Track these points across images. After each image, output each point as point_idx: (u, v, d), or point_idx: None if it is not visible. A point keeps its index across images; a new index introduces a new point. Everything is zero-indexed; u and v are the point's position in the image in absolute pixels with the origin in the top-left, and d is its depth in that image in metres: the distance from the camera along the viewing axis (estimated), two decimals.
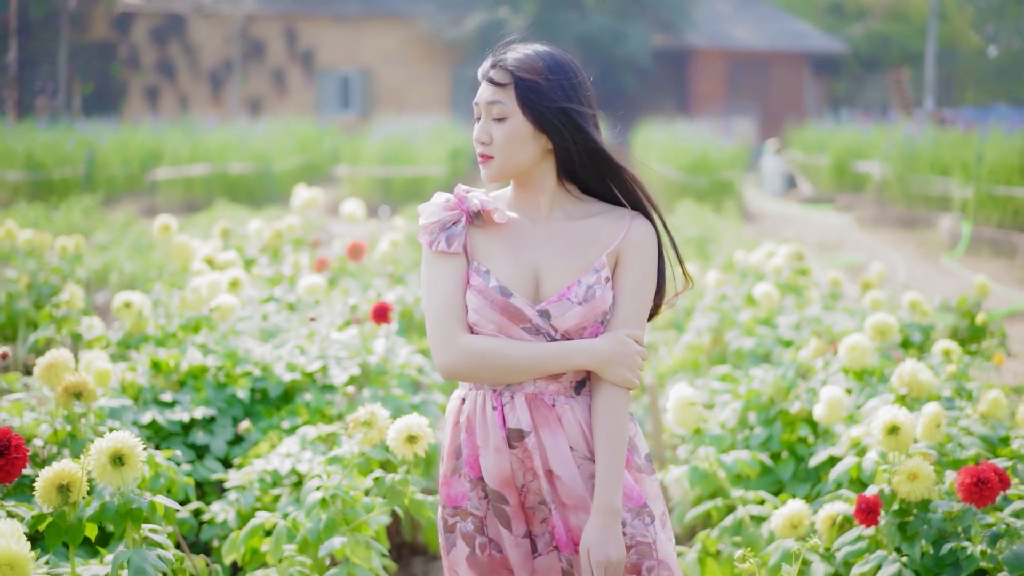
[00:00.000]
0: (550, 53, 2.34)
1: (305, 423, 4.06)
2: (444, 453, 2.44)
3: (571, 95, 2.32)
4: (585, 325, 2.32)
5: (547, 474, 2.34)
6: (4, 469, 2.53)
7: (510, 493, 2.36)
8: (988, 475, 3.06)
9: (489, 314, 2.30)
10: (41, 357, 3.48)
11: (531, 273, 2.34)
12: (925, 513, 3.17)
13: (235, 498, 3.65)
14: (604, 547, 2.25)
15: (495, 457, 2.33)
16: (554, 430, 2.33)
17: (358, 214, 6.82)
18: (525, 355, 2.28)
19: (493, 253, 2.35)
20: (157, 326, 4.67)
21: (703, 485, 3.63)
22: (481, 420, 2.35)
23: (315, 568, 3.11)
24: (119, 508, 2.58)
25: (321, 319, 4.97)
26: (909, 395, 3.87)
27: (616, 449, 2.29)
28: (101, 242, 11.00)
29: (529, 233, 2.37)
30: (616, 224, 2.37)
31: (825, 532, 3.35)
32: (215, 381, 4.24)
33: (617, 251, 2.36)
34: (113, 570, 2.49)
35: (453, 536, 2.41)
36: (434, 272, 2.34)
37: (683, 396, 3.55)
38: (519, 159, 2.33)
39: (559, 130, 2.30)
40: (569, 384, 2.34)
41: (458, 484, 2.40)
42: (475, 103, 2.37)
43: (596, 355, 2.29)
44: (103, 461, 2.59)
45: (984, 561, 3.02)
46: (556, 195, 2.38)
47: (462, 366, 2.29)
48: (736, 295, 6.33)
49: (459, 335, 2.29)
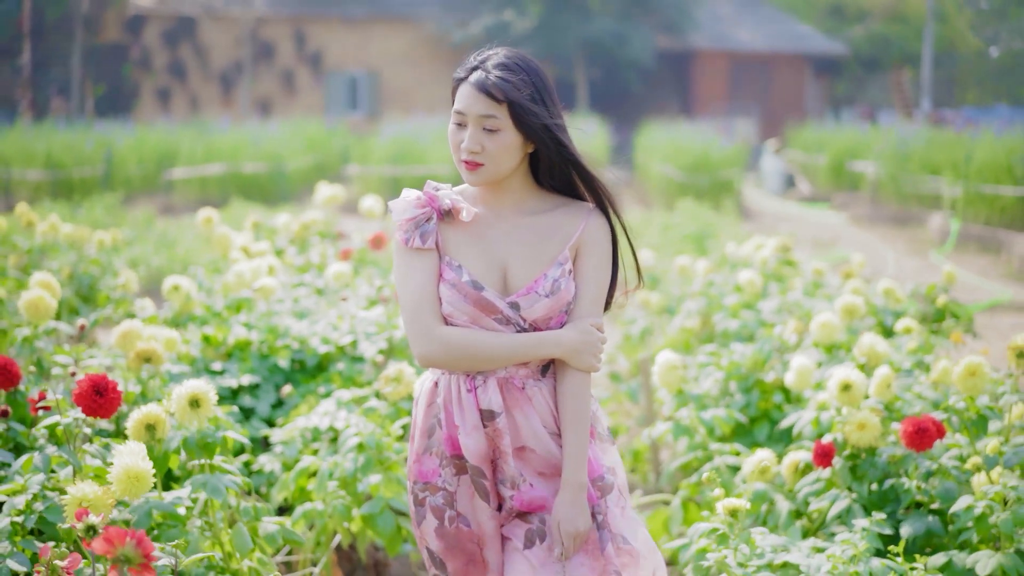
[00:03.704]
0: (531, 66, 2.49)
1: (339, 389, 4.63)
2: (416, 432, 2.61)
3: (552, 111, 2.49)
4: (552, 315, 2.51)
5: (518, 451, 2.53)
6: (104, 406, 3.08)
7: (487, 467, 2.54)
8: (927, 424, 3.61)
9: (463, 306, 2.47)
10: (115, 328, 4.05)
11: (499, 267, 2.51)
12: (872, 457, 3.74)
13: (280, 451, 4.21)
14: (573, 520, 2.47)
15: (474, 436, 2.50)
16: (526, 410, 2.52)
17: (376, 209, 7.39)
18: (499, 346, 2.46)
19: (463, 248, 2.51)
20: (203, 306, 5.25)
21: (686, 436, 4.18)
22: (457, 402, 2.52)
23: (354, 502, 3.68)
24: (198, 441, 3.15)
25: (349, 301, 5.55)
26: (868, 364, 4.44)
27: (582, 428, 2.50)
28: (127, 238, 11.58)
29: (495, 228, 2.54)
30: (575, 218, 2.55)
31: (789, 476, 3.90)
32: (259, 353, 4.82)
33: (577, 244, 2.54)
34: (194, 489, 3.05)
35: (423, 509, 2.58)
36: (408, 267, 2.50)
37: (667, 360, 4.12)
38: (507, 167, 2.49)
39: (544, 143, 2.48)
40: (536, 368, 2.53)
41: (429, 461, 2.56)
42: (459, 111, 2.48)
43: (564, 345, 2.48)
44: (183, 404, 3.15)
45: (919, 495, 3.59)
46: (522, 192, 2.56)
47: (440, 356, 2.46)
48: (724, 282, 6.90)
49: (435, 327, 2.46)
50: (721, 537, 3.07)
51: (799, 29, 35.38)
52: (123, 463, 2.69)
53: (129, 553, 1.94)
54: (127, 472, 2.69)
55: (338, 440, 4.07)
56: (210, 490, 3.05)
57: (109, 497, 2.57)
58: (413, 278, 2.49)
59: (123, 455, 2.72)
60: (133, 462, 2.63)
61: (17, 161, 17.67)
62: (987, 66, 40.58)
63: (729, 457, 4.19)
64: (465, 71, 2.49)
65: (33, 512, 2.91)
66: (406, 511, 3.69)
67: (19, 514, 2.91)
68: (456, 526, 2.55)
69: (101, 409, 3.09)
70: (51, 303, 4.31)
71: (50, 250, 8.16)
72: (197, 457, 3.17)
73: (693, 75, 34.57)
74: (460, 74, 2.50)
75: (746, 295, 6.34)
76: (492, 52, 2.51)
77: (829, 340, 4.90)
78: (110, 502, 2.56)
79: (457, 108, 2.48)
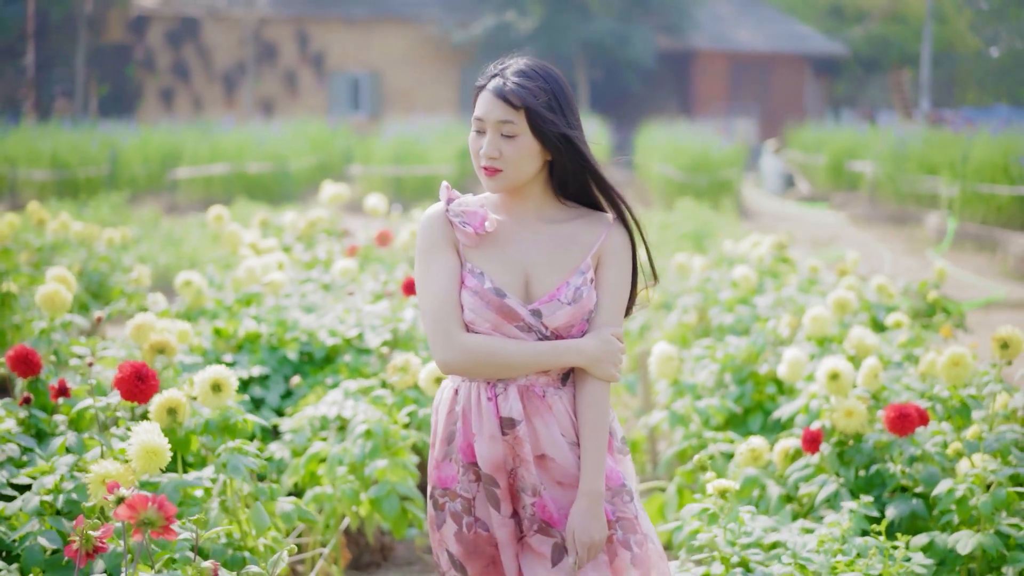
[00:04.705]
0: (549, 74, 2.53)
1: (346, 379, 4.79)
2: (436, 439, 2.61)
3: (570, 120, 2.52)
4: (573, 323, 2.52)
5: (538, 459, 2.53)
6: (144, 392, 3.23)
7: (501, 477, 2.53)
8: (909, 411, 3.77)
9: (485, 313, 2.49)
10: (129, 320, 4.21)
11: (521, 274, 2.53)
12: (859, 443, 3.90)
13: (290, 439, 4.36)
14: (588, 529, 2.47)
15: (489, 444, 2.51)
16: (546, 418, 2.52)
17: (381, 207, 7.57)
18: (520, 354, 2.48)
19: (485, 256, 2.53)
20: (215, 300, 5.41)
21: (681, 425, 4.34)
22: (476, 410, 2.52)
23: (362, 486, 3.84)
24: (218, 423, 3.31)
25: (355, 295, 5.72)
26: (857, 355, 4.60)
27: (600, 437, 2.50)
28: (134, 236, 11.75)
29: (517, 235, 2.55)
30: (596, 228, 2.58)
31: (780, 462, 4.06)
32: (268, 345, 4.99)
33: (599, 253, 2.57)
34: (216, 469, 3.21)
35: (443, 514, 2.58)
36: (429, 271, 2.52)
37: (663, 351, 4.28)
38: (526, 173, 2.51)
39: (560, 151, 2.51)
40: (557, 376, 2.54)
41: (448, 468, 2.57)
42: (478, 117, 2.52)
43: (585, 354, 2.50)
44: (205, 388, 3.32)
45: (904, 479, 3.75)
46: (542, 200, 2.59)
47: (461, 363, 2.47)
48: (720, 278, 7.06)
49: (458, 334, 2.48)
50: (712, 517, 3.23)
51: (799, 30, 35.54)
52: (140, 439, 2.84)
53: (151, 516, 2.09)
54: (144, 447, 2.83)
55: (346, 428, 4.23)
56: (230, 469, 3.21)
57: (130, 474, 2.73)
58: (434, 283, 2.51)
59: (139, 433, 2.88)
60: (149, 438, 2.77)
61: (23, 161, 17.86)
62: (987, 66, 40.72)
63: (723, 445, 4.34)
64: (485, 78, 2.54)
65: (62, 492, 3.08)
66: (412, 496, 3.85)
67: (48, 493, 3.07)
68: (475, 531, 2.56)
69: (140, 394, 3.23)
70: (67, 296, 4.46)
71: (61, 247, 8.32)
72: (217, 439, 3.33)
73: (693, 75, 34.73)
74: (480, 81, 2.54)
75: (741, 291, 6.50)
76: (513, 60, 2.55)
77: (821, 333, 5.05)
78: (131, 478, 2.71)
79: (476, 115, 2.53)
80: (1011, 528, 3.46)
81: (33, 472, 3.22)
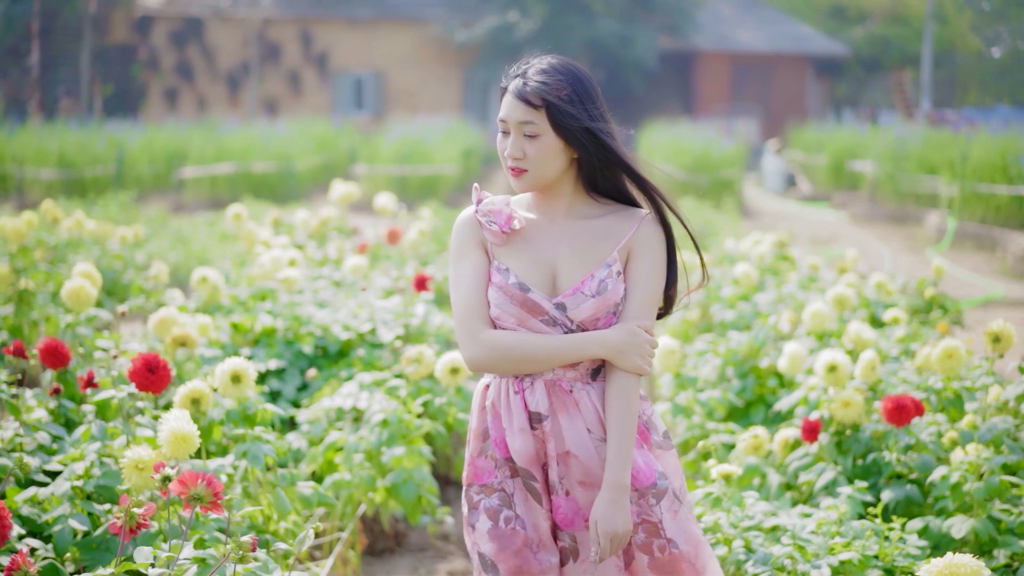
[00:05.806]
0: (570, 70, 2.52)
1: (360, 372, 4.95)
2: (471, 435, 2.61)
3: (593, 113, 2.50)
4: (599, 316, 2.49)
5: (563, 455, 2.51)
6: (155, 382, 3.39)
7: (537, 471, 2.53)
8: (905, 402, 3.92)
9: (509, 308, 2.48)
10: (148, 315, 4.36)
11: (549, 269, 2.52)
12: (856, 433, 4.05)
13: (307, 429, 4.52)
14: (612, 520, 2.42)
15: (521, 437, 2.51)
16: (572, 414, 2.50)
17: (389, 206, 7.73)
18: (543, 347, 2.46)
19: (512, 253, 2.53)
20: (230, 296, 5.57)
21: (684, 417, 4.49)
22: (506, 404, 2.53)
23: (378, 473, 3.99)
24: (239, 413, 3.46)
25: (367, 291, 5.88)
26: (855, 349, 4.76)
27: (626, 429, 2.45)
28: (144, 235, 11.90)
29: (547, 232, 2.55)
30: (627, 221, 2.55)
31: (780, 451, 4.21)
32: (284, 339, 5.15)
33: (628, 246, 2.53)
34: (236, 456, 3.36)
35: (477, 512, 2.56)
36: (458, 272, 2.54)
37: (666, 345, 4.42)
38: (551, 172, 2.51)
39: (585, 146, 2.49)
40: (586, 371, 2.51)
41: (484, 463, 2.57)
42: (502, 119, 2.51)
43: (609, 345, 2.45)
44: (226, 379, 3.47)
45: (899, 467, 3.90)
46: (573, 197, 2.57)
47: (485, 359, 2.48)
48: (722, 276, 7.21)
49: (481, 331, 2.48)
50: (715, 501, 3.38)
51: (800, 30, 35.67)
52: (170, 427, 2.98)
53: (201, 492, 2.24)
54: (174, 434, 2.98)
55: (362, 418, 4.38)
56: (251, 457, 3.36)
57: (161, 459, 2.88)
58: (462, 284, 2.52)
59: (169, 421, 3.02)
60: (180, 425, 2.92)
61: (30, 160, 17.99)
62: (988, 67, 40.83)
63: (725, 436, 4.49)
64: (507, 79, 2.54)
65: (91, 477, 3.22)
66: (427, 482, 4.00)
67: (78, 479, 3.22)
68: (512, 527, 2.53)
69: (153, 385, 3.39)
70: (92, 292, 4.62)
71: (75, 245, 8.48)
72: (239, 427, 3.48)
73: (695, 76, 34.88)
74: (503, 83, 2.55)
75: (742, 287, 6.65)
76: (536, 60, 2.54)
77: (820, 328, 5.21)
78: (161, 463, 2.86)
79: (500, 116, 2.52)
80: (1002, 513, 3.61)
81: (64, 459, 3.37)
